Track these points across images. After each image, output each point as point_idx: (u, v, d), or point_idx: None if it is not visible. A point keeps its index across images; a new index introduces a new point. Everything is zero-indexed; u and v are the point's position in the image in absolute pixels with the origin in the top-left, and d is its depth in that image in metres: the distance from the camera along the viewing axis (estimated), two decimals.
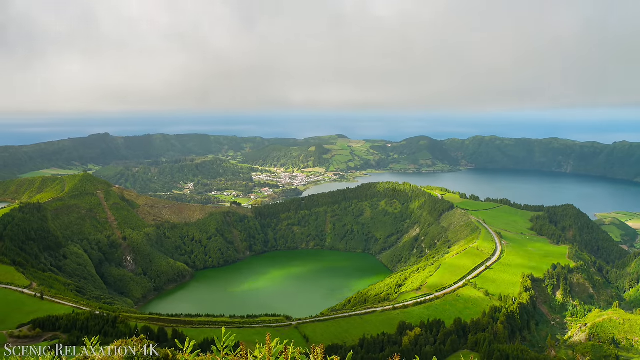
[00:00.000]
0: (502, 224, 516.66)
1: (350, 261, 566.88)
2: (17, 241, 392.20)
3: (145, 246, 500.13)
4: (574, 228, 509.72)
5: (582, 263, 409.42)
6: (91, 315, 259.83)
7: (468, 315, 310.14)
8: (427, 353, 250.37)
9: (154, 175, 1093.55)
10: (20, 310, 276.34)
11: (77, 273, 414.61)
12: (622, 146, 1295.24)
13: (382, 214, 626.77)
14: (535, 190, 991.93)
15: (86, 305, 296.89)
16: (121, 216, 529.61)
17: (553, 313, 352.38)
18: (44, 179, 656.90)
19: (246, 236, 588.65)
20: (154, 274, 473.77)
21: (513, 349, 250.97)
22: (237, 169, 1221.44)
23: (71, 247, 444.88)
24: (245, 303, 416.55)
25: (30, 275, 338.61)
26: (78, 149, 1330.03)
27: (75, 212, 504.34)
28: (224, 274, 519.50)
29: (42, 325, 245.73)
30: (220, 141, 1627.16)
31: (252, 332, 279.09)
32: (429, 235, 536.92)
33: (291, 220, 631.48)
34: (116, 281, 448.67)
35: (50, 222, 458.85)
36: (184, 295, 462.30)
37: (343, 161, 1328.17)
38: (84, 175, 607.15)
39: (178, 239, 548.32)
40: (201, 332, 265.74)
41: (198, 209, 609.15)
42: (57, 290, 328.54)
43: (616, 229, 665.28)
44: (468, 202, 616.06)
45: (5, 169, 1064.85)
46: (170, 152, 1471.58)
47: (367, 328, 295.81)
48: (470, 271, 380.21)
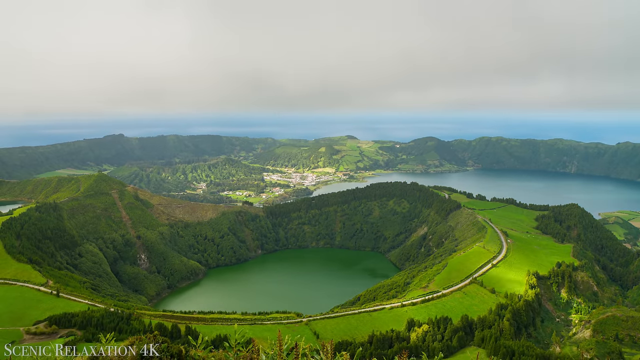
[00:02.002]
0: (508, 223, 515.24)
1: (359, 259, 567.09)
2: (34, 240, 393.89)
3: (159, 245, 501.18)
4: (578, 227, 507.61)
5: (586, 261, 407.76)
6: (106, 312, 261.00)
7: (475, 312, 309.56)
8: (435, 349, 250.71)
9: (167, 176, 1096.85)
10: (37, 308, 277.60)
11: (92, 271, 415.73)
12: (625, 147, 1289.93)
13: (391, 213, 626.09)
14: (541, 190, 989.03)
15: (101, 303, 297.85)
16: (135, 215, 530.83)
17: (558, 310, 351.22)
18: (59, 179, 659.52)
19: (258, 235, 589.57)
20: (167, 272, 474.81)
21: (519, 345, 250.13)
22: (249, 169, 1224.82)
23: (86, 246, 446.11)
24: (256, 300, 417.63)
25: (47, 273, 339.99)
26: (93, 150, 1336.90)
27: (90, 212, 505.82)
28: (236, 272, 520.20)
29: (58, 322, 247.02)
30: (232, 142, 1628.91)
31: (263, 328, 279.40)
32: (437, 234, 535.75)
33: (302, 219, 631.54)
34: (130, 279, 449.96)
35: (66, 221, 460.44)
36: (197, 293, 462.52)
37: (352, 161, 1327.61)
38: (99, 176, 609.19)
39: (191, 237, 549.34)
40: (214, 329, 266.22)
41: (211, 209, 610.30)
42: (73, 287, 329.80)
43: (619, 228, 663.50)
44: (475, 201, 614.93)
45: (22, 169, 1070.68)
46: (183, 152, 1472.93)
47: (376, 325, 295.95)
48: (477, 269, 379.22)
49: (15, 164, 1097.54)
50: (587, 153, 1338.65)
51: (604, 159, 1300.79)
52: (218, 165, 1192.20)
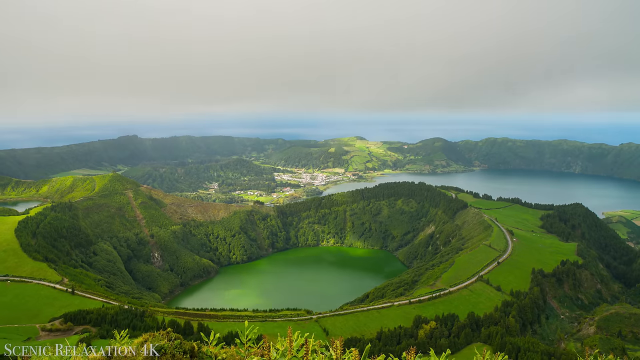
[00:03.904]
0: (514, 222, 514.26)
1: (368, 257, 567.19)
2: (50, 238, 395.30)
3: (172, 243, 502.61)
4: (582, 226, 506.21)
5: (590, 259, 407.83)
6: (120, 310, 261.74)
7: (481, 310, 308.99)
8: (442, 345, 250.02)
9: (180, 176, 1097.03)
10: (52, 305, 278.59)
11: (106, 269, 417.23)
12: (628, 147, 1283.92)
13: (399, 213, 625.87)
14: (545, 190, 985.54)
15: (115, 300, 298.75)
16: (149, 214, 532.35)
17: (562, 307, 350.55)
18: (75, 179, 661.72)
19: (268, 234, 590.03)
20: (180, 270, 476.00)
21: (524, 341, 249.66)
22: (260, 170, 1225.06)
23: (101, 244, 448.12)
24: (267, 298, 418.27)
25: (62, 271, 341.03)
26: (107, 151, 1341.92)
27: (105, 211, 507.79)
28: (247, 270, 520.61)
29: (73, 319, 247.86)
30: (244, 142, 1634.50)
31: (274, 325, 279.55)
32: (444, 233, 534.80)
33: (312, 218, 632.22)
34: (144, 277, 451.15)
35: (81, 220, 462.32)
36: (209, 290, 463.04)
37: (361, 162, 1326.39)
38: (113, 176, 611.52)
39: (203, 236, 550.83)
40: (225, 326, 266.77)
41: (222, 208, 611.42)
42: (88, 285, 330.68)
43: (623, 227, 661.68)
44: (481, 201, 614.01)
45: (39, 170, 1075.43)
46: (196, 153, 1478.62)
47: (384, 322, 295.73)
48: (483, 267, 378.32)
49: (31, 164, 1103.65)
50: (591, 154, 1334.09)
51: (607, 159, 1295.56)
52: (230, 165, 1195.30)
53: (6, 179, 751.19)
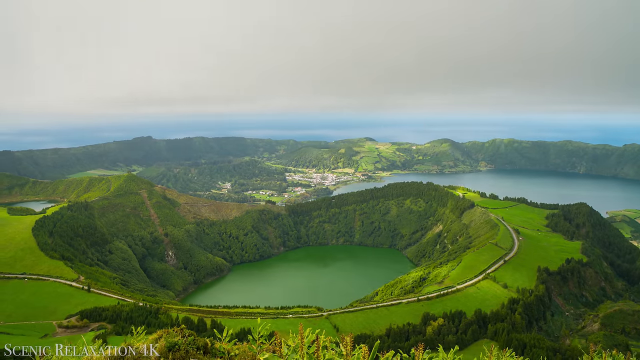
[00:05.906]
0: (520, 221, 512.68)
1: (377, 256, 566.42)
2: (66, 237, 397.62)
3: (185, 242, 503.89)
4: (587, 225, 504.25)
5: (594, 258, 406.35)
6: (135, 307, 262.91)
7: (488, 307, 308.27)
8: (450, 342, 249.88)
9: (193, 176, 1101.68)
10: (69, 302, 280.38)
11: (121, 267, 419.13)
12: (632, 148, 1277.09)
13: (408, 212, 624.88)
14: (551, 190, 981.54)
15: (130, 297, 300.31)
16: (163, 214, 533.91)
17: (567, 304, 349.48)
18: (90, 179, 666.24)
19: (280, 232, 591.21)
20: (193, 268, 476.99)
21: (530, 337, 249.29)
22: (272, 170, 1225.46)
23: (116, 243, 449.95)
24: (279, 295, 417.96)
25: (78, 269, 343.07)
26: (122, 151, 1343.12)
27: (120, 210, 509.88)
28: (260, 268, 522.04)
29: (89, 315, 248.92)
30: (256, 143, 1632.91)
31: (285, 322, 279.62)
32: (451, 232, 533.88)
33: (322, 217, 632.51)
34: (158, 274, 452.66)
35: (97, 220, 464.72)
36: (222, 288, 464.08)
37: (370, 162, 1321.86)
38: (128, 176, 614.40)
39: (216, 235, 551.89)
40: (238, 322, 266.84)
41: (235, 207, 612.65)
42: (103, 283, 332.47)
43: (626, 226, 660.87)
44: (488, 200, 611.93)
45: (55, 170, 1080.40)
46: (209, 154, 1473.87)
47: (393, 318, 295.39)
48: (490, 265, 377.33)
49: (48, 164, 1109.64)
50: (595, 154, 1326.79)
51: (611, 159, 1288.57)
52: (242, 165, 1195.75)
53: (24, 179, 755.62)
